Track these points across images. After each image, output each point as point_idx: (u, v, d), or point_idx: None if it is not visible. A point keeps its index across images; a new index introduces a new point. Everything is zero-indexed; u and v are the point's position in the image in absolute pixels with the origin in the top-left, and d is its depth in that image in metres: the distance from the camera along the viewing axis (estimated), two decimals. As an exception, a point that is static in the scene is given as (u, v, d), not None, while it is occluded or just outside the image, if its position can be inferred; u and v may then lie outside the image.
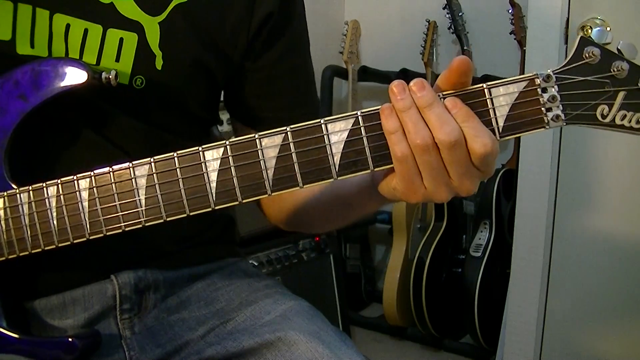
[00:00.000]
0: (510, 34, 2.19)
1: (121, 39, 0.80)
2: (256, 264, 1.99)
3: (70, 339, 0.76)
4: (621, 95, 0.65)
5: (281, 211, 0.95)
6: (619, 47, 0.65)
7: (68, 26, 0.78)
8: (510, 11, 2.18)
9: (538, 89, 0.65)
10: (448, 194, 0.67)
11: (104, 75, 0.75)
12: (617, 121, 0.65)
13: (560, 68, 0.66)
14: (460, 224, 2.35)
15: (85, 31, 0.79)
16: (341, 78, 2.57)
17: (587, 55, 0.65)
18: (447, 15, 2.32)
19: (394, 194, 0.70)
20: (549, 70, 0.65)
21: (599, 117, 0.65)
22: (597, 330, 1.82)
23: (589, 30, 1.64)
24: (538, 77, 0.65)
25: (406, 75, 2.45)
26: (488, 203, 2.20)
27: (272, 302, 0.89)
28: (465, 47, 2.27)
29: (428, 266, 2.25)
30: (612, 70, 0.65)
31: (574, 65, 0.65)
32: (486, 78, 2.30)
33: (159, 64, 0.82)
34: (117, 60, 0.80)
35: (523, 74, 2.07)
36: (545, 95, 0.65)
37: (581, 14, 1.68)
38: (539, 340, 1.86)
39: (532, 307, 1.84)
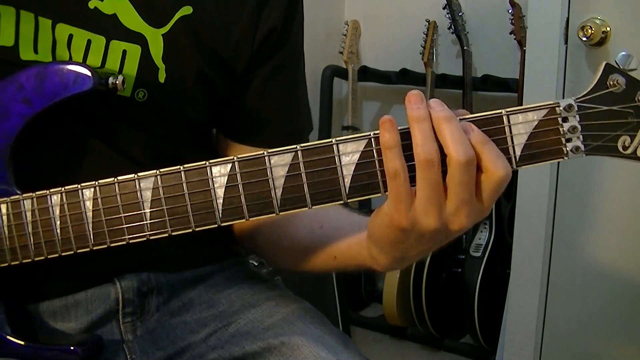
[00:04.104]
0: (510, 34, 2.19)
1: (124, 51, 0.79)
2: (256, 264, 1.98)
3: (72, 347, 0.76)
4: None
5: (253, 232, 0.93)
6: None
7: (71, 36, 0.78)
8: (510, 11, 2.17)
9: (559, 118, 0.62)
10: (436, 222, 0.63)
11: (110, 80, 0.74)
12: (639, 153, 0.62)
13: (582, 96, 0.63)
14: (460, 224, 2.34)
15: (89, 42, 0.78)
16: (341, 78, 2.56)
17: (611, 83, 0.62)
18: (447, 15, 2.32)
19: (381, 219, 0.67)
20: (571, 100, 0.63)
21: (620, 149, 0.63)
22: (598, 331, 1.82)
23: (589, 30, 1.64)
24: (559, 106, 0.63)
25: (406, 75, 2.44)
26: (488, 203, 2.20)
27: (274, 305, 0.89)
28: (465, 47, 2.26)
29: (428, 266, 2.25)
30: (636, 100, 0.62)
31: (597, 94, 0.63)
32: (486, 78, 2.31)
33: (161, 77, 0.82)
34: (120, 72, 0.79)
35: (523, 74, 2.04)
36: (566, 125, 0.62)
37: (581, 14, 1.68)
38: (539, 341, 1.86)
39: (532, 307, 1.84)
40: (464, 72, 2.24)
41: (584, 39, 1.65)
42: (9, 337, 0.75)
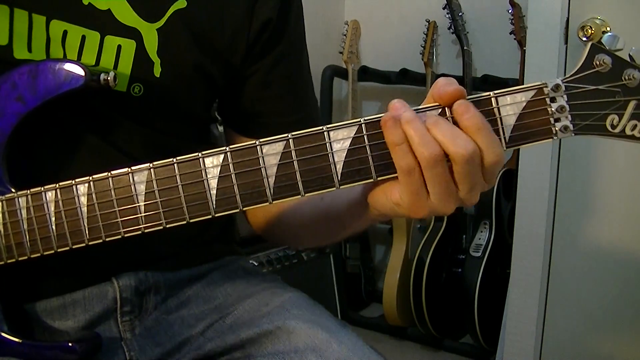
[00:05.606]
0: (510, 34, 2.19)
1: (119, 46, 0.79)
2: (256, 264, 1.99)
3: (70, 344, 0.76)
4: (632, 105, 0.62)
5: (266, 221, 0.93)
6: (630, 54, 0.63)
7: (65, 33, 0.78)
8: (510, 11, 2.18)
9: (546, 99, 0.63)
10: (454, 206, 0.65)
11: (102, 76, 0.74)
12: (628, 131, 0.63)
13: (569, 77, 0.63)
14: (460, 224, 2.35)
15: (83, 38, 0.78)
16: (341, 78, 2.57)
17: (597, 63, 0.63)
18: (447, 15, 2.32)
19: (396, 210, 0.67)
20: (558, 80, 0.63)
21: (609, 128, 0.63)
22: (598, 330, 1.82)
23: (589, 30, 1.64)
24: (547, 87, 0.63)
25: (406, 75, 2.44)
26: (488, 203, 2.20)
27: (270, 294, 0.89)
28: (465, 47, 2.26)
29: (428, 266, 2.25)
30: (623, 78, 0.62)
31: (584, 73, 0.63)
32: (486, 78, 2.31)
33: (157, 71, 0.81)
34: (115, 67, 0.79)
35: (523, 74, 2.04)
36: (554, 105, 0.63)
37: (581, 14, 1.68)
38: (539, 340, 1.86)
39: (532, 307, 1.84)
40: (464, 72, 2.24)
41: (584, 39, 1.65)
42: (5, 335, 0.75)
